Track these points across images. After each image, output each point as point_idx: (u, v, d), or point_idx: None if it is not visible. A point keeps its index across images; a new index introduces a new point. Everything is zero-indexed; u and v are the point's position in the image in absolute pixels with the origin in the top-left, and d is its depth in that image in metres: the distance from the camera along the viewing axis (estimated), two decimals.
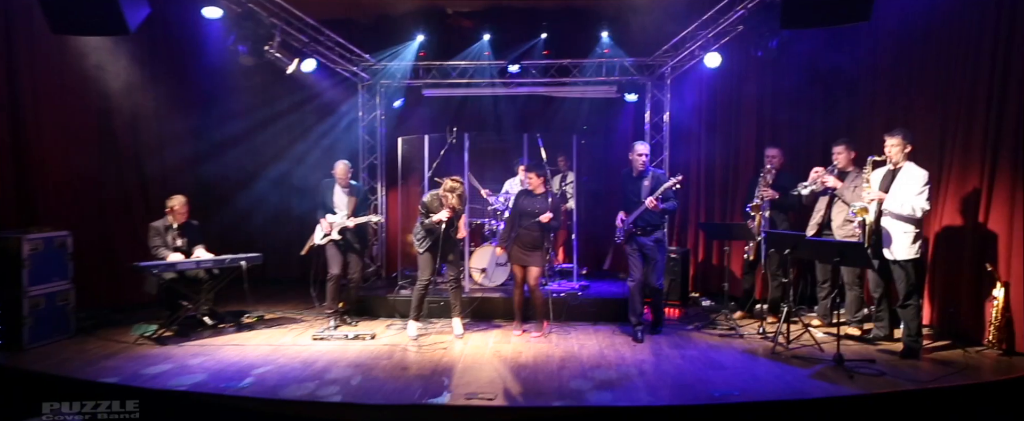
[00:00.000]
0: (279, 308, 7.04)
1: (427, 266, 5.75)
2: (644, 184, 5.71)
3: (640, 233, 5.69)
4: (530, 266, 5.74)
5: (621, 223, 5.77)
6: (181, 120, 7.72)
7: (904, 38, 5.96)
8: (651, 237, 5.72)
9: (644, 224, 5.68)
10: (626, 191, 5.82)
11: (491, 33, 7.93)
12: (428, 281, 5.80)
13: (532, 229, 5.74)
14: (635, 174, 5.76)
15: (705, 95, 7.67)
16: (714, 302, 7.22)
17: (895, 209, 4.99)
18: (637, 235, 5.71)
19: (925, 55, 5.80)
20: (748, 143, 7.20)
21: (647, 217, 5.67)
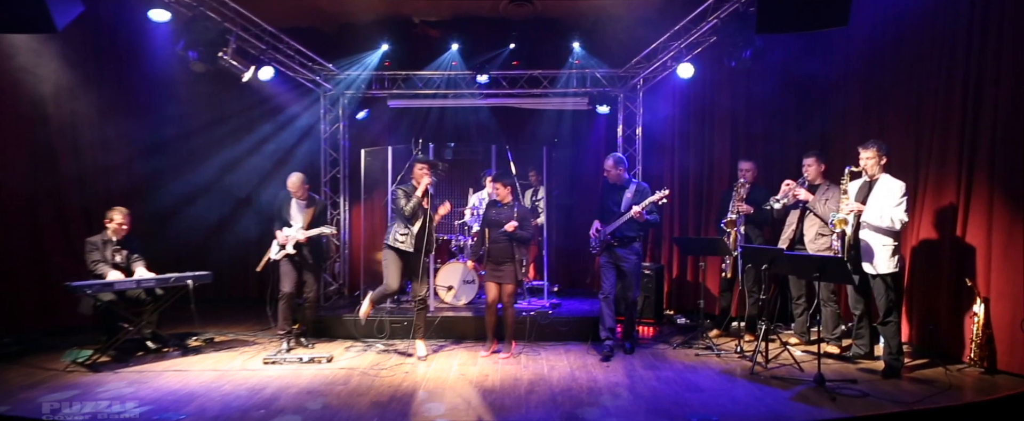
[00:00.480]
0: (232, 329, 6.63)
1: (391, 274, 5.37)
2: (626, 195, 5.51)
3: (617, 244, 5.49)
4: (504, 283, 5.45)
5: (596, 233, 5.56)
6: (125, 128, 7.22)
7: (878, 48, 5.87)
8: (628, 248, 5.51)
9: (622, 235, 5.47)
10: (605, 201, 5.63)
11: (459, 43, 7.70)
12: (394, 291, 5.46)
13: (500, 241, 5.46)
14: (617, 185, 5.60)
15: (678, 107, 7.52)
16: (689, 320, 7.00)
17: (873, 221, 4.84)
18: (614, 246, 5.49)
19: (899, 66, 5.71)
20: (722, 155, 7.04)
21: (626, 228, 5.46)
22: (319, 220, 5.87)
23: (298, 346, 5.79)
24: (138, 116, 7.42)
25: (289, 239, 5.73)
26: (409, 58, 7.94)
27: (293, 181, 5.85)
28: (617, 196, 5.55)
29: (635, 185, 5.60)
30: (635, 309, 5.70)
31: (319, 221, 5.86)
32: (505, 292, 5.48)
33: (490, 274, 5.52)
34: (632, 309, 5.65)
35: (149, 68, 7.19)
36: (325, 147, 7.97)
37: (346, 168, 8.04)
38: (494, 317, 5.62)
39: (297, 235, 5.73)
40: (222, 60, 6.13)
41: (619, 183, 5.59)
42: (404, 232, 5.41)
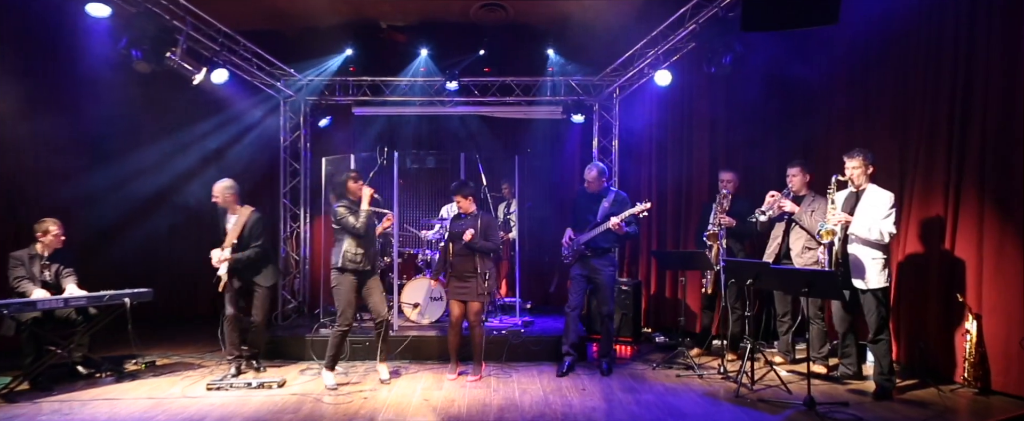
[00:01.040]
0: (179, 351, 6.11)
1: (349, 301, 4.90)
2: (604, 204, 5.23)
3: (591, 255, 5.19)
4: (470, 300, 5.06)
5: (569, 242, 5.24)
6: (56, 132, 6.61)
7: (863, 53, 5.68)
8: (603, 259, 5.22)
9: (597, 246, 5.18)
10: (579, 209, 5.34)
11: (428, 49, 7.36)
12: (350, 324, 4.98)
13: (463, 255, 5.09)
14: (595, 193, 5.33)
15: (655, 115, 7.26)
16: (668, 338, 6.68)
17: (861, 233, 4.58)
18: (588, 257, 5.19)
19: (884, 71, 5.53)
20: (701, 165, 6.78)
21: (602, 239, 5.18)
22: (248, 236, 5.19)
23: (250, 369, 5.31)
24: (71, 118, 6.78)
25: (216, 260, 5.12)
26: (375, 64, 7.57)
27: (215, 188, 5.20)
28: (594, 205, 5.26)
29: (614, 194, 5.32)
30: (611, 324, 5.36)
31: (248, 238, 5.18)
32: (471, 310, 5.09)
33: (454, 291, 5.13)
34: (608, 324, 5.32)
35: (86, 66, 6.63)
36: (285, 156, 7.53)
37: (307, 178, 7.60)
38: (458, 337, 5.23)
39: (217, 256, 5.09)
40: (170, 61, 5.70)
41: (597, 191, 5.30)
42: (356, 251, 4.89)
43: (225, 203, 5.20)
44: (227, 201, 5.20)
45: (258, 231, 5.23)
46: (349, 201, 4.96)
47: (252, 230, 5.21)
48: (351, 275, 4.91)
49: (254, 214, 5.25)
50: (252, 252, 5.14)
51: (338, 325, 4.93)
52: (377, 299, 5.03)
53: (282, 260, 7.48)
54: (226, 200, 5.20)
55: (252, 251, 5.14)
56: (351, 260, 4.86)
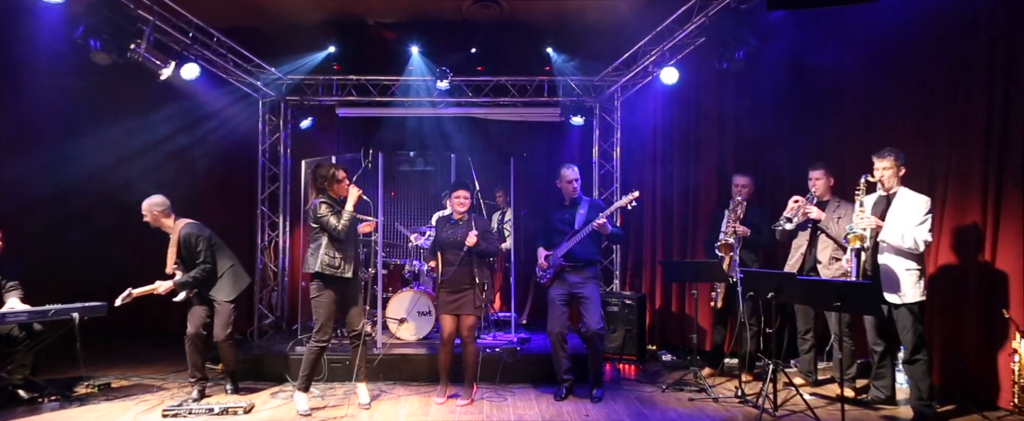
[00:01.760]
0: (140, 371, 5.57)
1: (329, 314, 4.38)
2: (580, 212, 4.76)
3: (570, 269, 4.69)
4: (464, 314, 4.55)
5: (545, 261, 4.74)
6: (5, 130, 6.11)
7: (891, 43, 5.22)
8: (583, 273, 4.71)
9: (576, 258, 4.68)
10: (553, 221, 4.86)
11: (418, 47, 6.90)
12: (329, 339, 4.45)
13: (458, 263, 4.58)
14: (567, 202, 4.85)
15: (660, 116, 6.80)
16: (675, 356, 6.17)
17: (894, 241, 4.12)
18: (567, 271, 4.69)
19: (914, 63, 5.06)
20: (710, 170, 6.32)
21: (582, 250, 4.69)
22: (188, 255, 4.67)
23: (222, 391, 4.78)
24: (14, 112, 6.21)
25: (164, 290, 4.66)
26: (362, 63, 7.11)
27: (143, 207, 4.65)
28: (568, 215, 4.80)
29: (589, 202, 4.85)
30: (601, 343, 4.73)
31: (188, 257, 4.67)
32: (464, 325, 4.58)
33: (445, 304, 4.62)
34: (596, 344, 4.68)
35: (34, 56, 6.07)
36: (263, 161, 7.03)
37: (287, 184, 7.10)
38: (449, 356, 4.71)
39: (159, 285, 4.62)
40: (134, 54, 5.22)
41: (572, 200, 4.84)
42: (334, 255, 4.35)
43: (155, 222, 4.66)
44: (156, 220, 4.66)
45: (196, 246, 4.67)
46: (332, 199, 4.44)
47: (188, 247, 4.67)
48: (331, 284, 4.39)
49: (185, 228, 4.69)
50: (197, 272, 4.63)
51: (315, 339, 4.40)
52: (354, 310, 4.53)
53: (259, 271, 6.96)
54: (155, 219, 4.66)
55: (197, 271, 4.63)
56: (329, 266, 4.33)
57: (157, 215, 4.64)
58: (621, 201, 4.62)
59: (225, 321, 4.77)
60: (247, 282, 4.96)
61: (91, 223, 6.88)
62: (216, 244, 4.82)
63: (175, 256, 4.66)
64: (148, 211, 4.62)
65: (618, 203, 4.62)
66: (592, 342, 4.68)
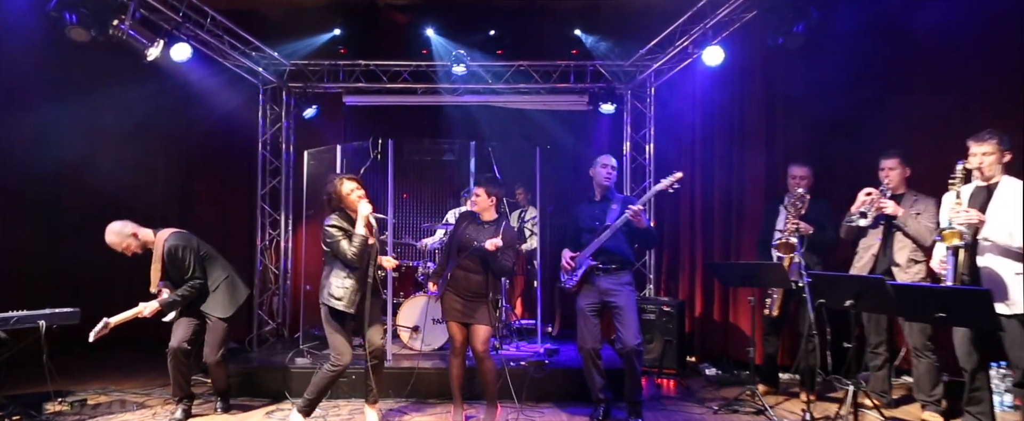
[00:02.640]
0: (123, 384, 5.02)
1: (346, 340, 3.80)
2: (612, 209, 4.13)
3: (602, 271, 4.05)
4: (475, 324, 3.93)
5: (570, 262, 4.12)
6: None
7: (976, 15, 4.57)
8: (615, 277, 4.06)
9: (607, 259, 4.05)
10: (581, 219, 4.23)
11: (432, 29, 6.31)
12: (345, 365, 3.83)
13: (474, 269, 3.96)
14: (598, 197, 4.22)
15: (700, 103, 6.16)
16: (720, 370, 5.52)
17: (1001, 239, 3.46)
18: (597, 274, 4.06)
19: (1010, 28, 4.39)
20: (757, 162, 5.67)
21: (613, 247, 4.05)
22: (174, 270, 4.08)
23: (214, 413, 4.21)
24: None
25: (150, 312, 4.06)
26: (371, 47, 6.52)
27: (107, 238, 4.03)
28: (598, 211, 4.17)
29: (622, 198, 4.22)
30: (639, 361, 4.06)
31: (175, 272, 4.08)
32: (477, 337, 3.92)
33: (453, 310, 3.98)
34: (634, 362, 4.02)
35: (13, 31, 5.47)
36: (264, 153, 6.45)
37: (289, 178, 6.53)
38: (461, 369, 4.05)
39: (144, 307, 4.01)
40: (117, 31, 4.67)
41: (603, 195, 4.22)
42: (342, 285, 3.73)
43: (131, 248, 4.05)
44: (131, 246, 4.04)
45: (183, 259, 4.06)
46: (346, 217, 3.82)
47: (173, 261, 4.06)
48: (338, 315, 3.79)
49: (169, 240, 4.07)
50: (186, 290, 4.04)
51: (331, 364, 3.80)
52: (376, 326, 3.94)
53: (259, 274, 6.38)
54: (128, 246, 4.04)
55: (186, 289, 4.04)
56: (335, 297, 3.73)
57: (129, 241, 4.02)
58: (660, 183, 3.97)
59: (218, 341, 4.18)
60: (245, 295, 4.36)
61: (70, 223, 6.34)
62: (206, 255, 4.21)
63: (160, 274, 4.06)
64: (117, 243, 4.00)
65: (657, 186, 3.98)
66: (630, 360, 4.03)
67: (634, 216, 3.87)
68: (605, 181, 4.21)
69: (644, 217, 3.92)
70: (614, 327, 4.07)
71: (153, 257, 4.06)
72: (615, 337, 4.08)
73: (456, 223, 4.21)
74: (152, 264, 4.05)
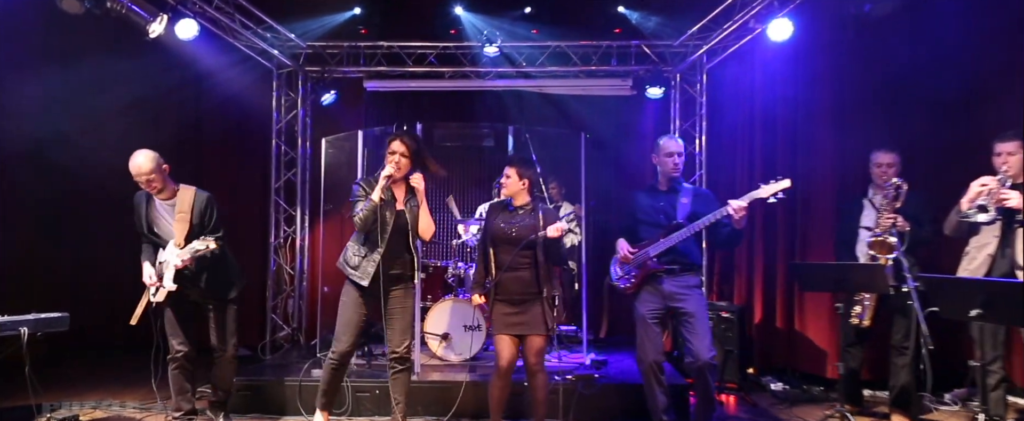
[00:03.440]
0: (123, 396, 4.49)
1: (347, 321, 3.40)
2: (681, 201, 3.56)
3: (666, 274, 3.47)
4: (529, 334, 3.37)
5: (630, 256, 3.55)
6: None
7: None
8: (682, 280, 3.49)
9: (672, 259, 3.48)
10: (640, 211, 3.65)
11: (461, 7, 5.75)
12: (342, 355, 3.43)
13: (519, 264, 3.40)
14: (663, 186, 3.64)
15: (759, 85, 5.53)
16: (786, 384, 4.90)
17: None
18: (662, 278, 3.48)
19: None
20: (825, 149, 5.04)
21: (682, 246, 3.48)
22: (201, 226, 3.56)
23: None
24: None
25: (165, 268, 3.50)
26: (394, 26, 6.01)
27: (134, 164, 3.44)
28: (664, 203, 3.59)
29: (691, 189, 3.67)
30: (713, 378, 3.48)
31: (201, 229, 3.56)
32: (531, 349, 3.38)
33: (502, 320, 3.42)
34: (708, 377, 3.43)
35: None
36: (278, 142, 5.94)
37: (306, 170, 6.01)
38: (504, 390, 3.48)
39: (172, 260, 3.47)
40: (115, 3, 4.19)
41: (670, 184, 3.63)
42: (359, 253, 3.38)
43: (159, 185, 3.49)
44: (158, 182, 3.48)
45: (214, 217, 3.62)
46: (375, 177, 3.45)
47: (205, 216, 3.58)
48: (351, 290, 3.41)
49: (199, 192, 3.61)
50: (217, 248, 3.48)
51: (329, 353, 3.44)
52: (397, 326, 3.44)
53: (272, 275, 5.87)
54: (156, 182, 3.47)
55: (216, 246, 3.48)
56: (350, 264, 3.38)
57: (158, 174, 3.46)
58: (762, 189, 3.36)
59: (234, 327, 3.74)
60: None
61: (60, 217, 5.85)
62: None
63: (188, 227, 3.52)
64: (145, 169, 3.41)
65: (758, 192, 3.36)
66: (702, 376, 3.43)
67: (737, 215, 3.28)
68: (673, 171, 3.63)
69: (743, 220, 3.33)
70: (682, 336, 3.49)
71: (179, 209, 3.53)
72: (685, 350, 3.50)
73: (487, 216, 3.66)
74: (178, 218, 3.52)
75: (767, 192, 3.33)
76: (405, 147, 3.34)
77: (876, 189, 4.04)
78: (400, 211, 3.39)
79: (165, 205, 3.57)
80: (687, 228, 3.44)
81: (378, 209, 3.29)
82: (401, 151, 3.33)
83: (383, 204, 3.31)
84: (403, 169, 3.35)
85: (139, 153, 3.46)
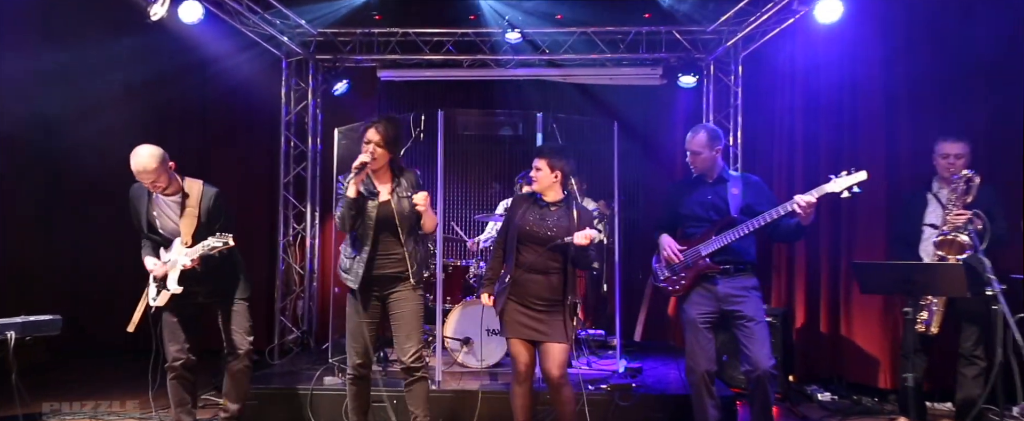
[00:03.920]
0: (125, 402, 4.17)
1: (357, 330, 3.12)
2: (732, 192, 3.22)
3: (720, 273, 3.14)
4: (548, 342, 3.03)
5: (679, 257, 3.19)
6: None
7: None
8: (739, 281, 3.16)
9: (725, 258, 3.15)
10: (683, 205, 3.32)
11: None
12: (359, 366, 3.15)
13: (543, 267, 3.06)
14: (710, 177, 3.29)
15: (801, 74, 5.14)
16: (833, 394, 4.54)
17: None
18: (715, 279, 3.15)
19: None
20: (873, 139, 4.66)
21: (743, 246, 3.17)
22: (210, 222, 3.25)
23: None
24: None
25: (171, 269, 3.17)
26: (409, 13, 5.68)
27: (138, 161, 3.07)
28: (712, 195, 3.25)
29: (740, 178, 3.32)
30: (773, 387, 3.16)
31: (210, 225, 3.23)
32: (552, 359, 3.02)
33: (515, 325, 3.08)
34: (768, 388, 3.09)
35: None
36: (287, 134, 5.63)
37: (317, 165, 5.70)
38: (527, 398, 3.15)
39: (179, 260, 3.15)
40: None
41: (712, 175, 3.29)
42: (349, 254, 3.13)
43: (164, 184, 3.16)
44: (164, 182, 3.15)
45: (223, 211, 3.32)
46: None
47: (213, 212, 3.27)
48: (352, 294, 3.13)
49: (207, 187, 3.31)
50: (224, 244, 3.16)
51: (347, 368, 3.20)
52: (400, 333, 3.12)
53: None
54: (161, 182, 3.13)
55: (223, 244, 3.15)
56: (342, 267, 3.16)
57: (164, 172, 3.13)
58: (833, 183, 2.98)
59: (249, 324, 3.41)
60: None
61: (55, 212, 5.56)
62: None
63: (196, 224, 3.20)
64: (149, 169, 3.07)
65: (829, 186, 2.99)
66: (761, 388, 3.08)
67: (805, 211, 2.94)
68: (704, 170, 3.29)
69: (813, 213, 2.99)
70: (738, 343, 3.15)
71: (186, 205, 3.22)
72: (741, 357, 3.17)
73: (511, 207, 3.32)
74: (186, 214, 3.21)
75: (840, 186, 2.96)
76: (380, 136, 3.01)
77: (942, 182, 3.69)
78: (385, 203, 3.06)
79: (169, 200, 3.25)
80: (744, 225, 3.10)
81: (354, 204, 2.98)
82: (376, 140, 3.01)
83: (364, 197, 3.01)
84: (380, 159, 3.04)
85: (142, 150, 3.12)
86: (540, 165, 3.15)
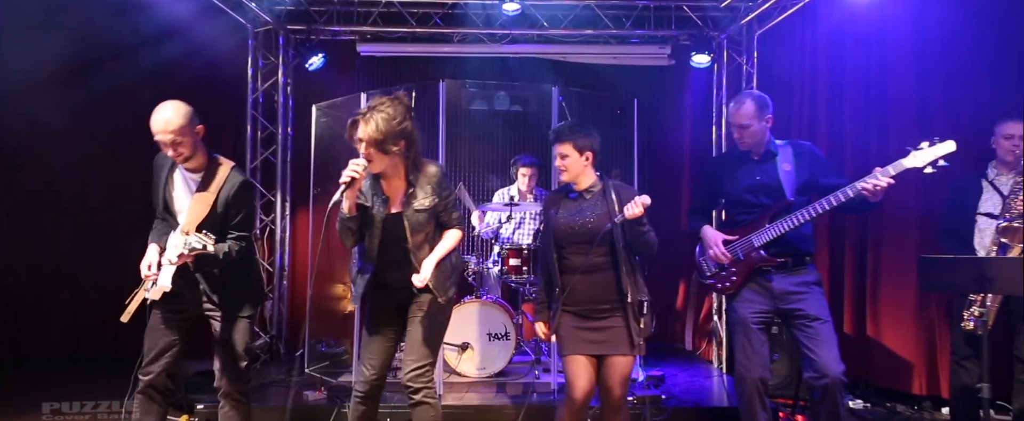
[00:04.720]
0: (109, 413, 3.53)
1: (372, 342, 2.56)
2: (784, 168, 2.78)
3: (776, 268, 2.73)
4: (611, 355, 2.53)
5: (721, 248, 2.77)
6: None
7: None
8: (798, 277, 2.74)
9: (779, 250, 2.73)
10: (727, 185, 2.89)
11: None
12: (368, 388, 2.53)
13: (593, 265, 2.56)
14: (758, 155, 2.83)
15: (823, 53, 4.76)
16: (864, 401, 4.18)
17: None
18: (770, 273, 2.73)
19: None
20: (904, 126, 4.30)
21: (799, 235, 2.74)
22: (226, 214, 2.62)
23: None
24: None
25: (165, 259, 2.52)
26: None
27: (161, 120, 2.48)
28: (760, 174, 2.81)
29: (790, 146, 2.86)
30: (843, 395, 2.71)
31: (226, 218, 2.62)
32: (613, 375, 2.52)
33: (573, 336, 2.58)
34: (837, 397, 2.65)
35: None
36: (254, 114, 5.00)
37: (288, 147, 5.09)
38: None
39: (171, 253, 2.48)
40: None
41: (759, 150, 2.84)
42: (355, 263, 2.60)
43: (187, 151, 2.54)
44: (187, 147, 2.53)
45: (246, 207, 2.70)
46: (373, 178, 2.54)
47: (232, 202, 2.62)
48: (365, 302, 2.58)
49: (237, 173, 2.69)
50: (237, 246, 2.60)
51: (353, 387, 2.58)
52: (407, 342, 2.54)
53: None
54: (184, 146, 2.52)
55: (237, 244, 2.60)
56: (351, 276, 2.64)
57: (190, 137, 2.54)
58: (914, 157, 2.55)
59: (244, 343, 2.72)
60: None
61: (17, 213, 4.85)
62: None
63: (203, 214, 2.56)
64: (174, 126, 2.47)
65: (910, 160, 2.55)
66: (830, 396, 2.65)
67: (873, 190, 2.52)
68: (752, 144, 2.84)
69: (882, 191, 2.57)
70: (802, 346, 2.72)
71: (205, 185, 2.60)
72: (804, 361, 2.73)
73: (544, 214, 2.82)
74: (198, 198, 2.58)
75: (922, 159, 2.55)
76: (374, 132, 2.32)
77: (1002, 166, 3.33)
78: (395, 215, 2.46)
79: (191, 177, 2.63)
80: (803, 210, 2.66)
81: (352, 221, 2.41)
82: (368, 139, 2.33)
83: (366, 209, 2.44)
84: (377, 164, 2.37)
85: (166, 105, 2.52)
86: (565, 150, 2.62)
